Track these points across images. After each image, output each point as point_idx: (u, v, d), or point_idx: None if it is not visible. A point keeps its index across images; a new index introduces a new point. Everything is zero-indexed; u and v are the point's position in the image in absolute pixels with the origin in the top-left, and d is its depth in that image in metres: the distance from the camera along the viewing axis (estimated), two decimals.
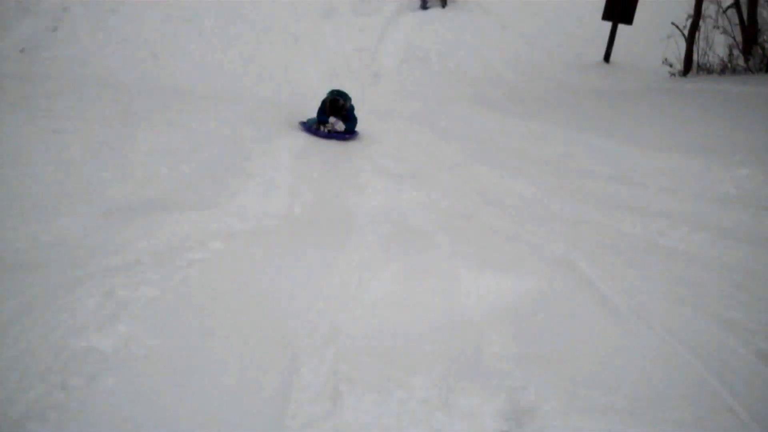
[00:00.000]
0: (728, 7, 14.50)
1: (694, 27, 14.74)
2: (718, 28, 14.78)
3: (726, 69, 14.35)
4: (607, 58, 16.91)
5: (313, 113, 10.25)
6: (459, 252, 5.08)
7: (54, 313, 3.57)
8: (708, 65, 14.78)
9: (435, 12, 19.04)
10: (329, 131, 9.71)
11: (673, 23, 15.08)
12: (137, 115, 9.45)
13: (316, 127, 9.82)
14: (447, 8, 19.24)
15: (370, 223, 5.95)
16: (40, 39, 14.74)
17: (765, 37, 13.93)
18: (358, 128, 10.10)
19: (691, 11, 14.84)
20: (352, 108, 9.99)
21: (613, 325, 3.90)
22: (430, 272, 4.70)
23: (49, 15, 15.67)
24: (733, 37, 14.41)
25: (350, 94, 10.34)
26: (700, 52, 14.91)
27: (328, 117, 9.82)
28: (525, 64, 16.57)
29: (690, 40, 14.85)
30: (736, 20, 14.28)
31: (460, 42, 17.47)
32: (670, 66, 15.04)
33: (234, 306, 4.04)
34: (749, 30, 13.87)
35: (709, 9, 14.77)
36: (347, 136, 9.80)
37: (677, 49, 15.03)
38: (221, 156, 8.12)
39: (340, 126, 9.75)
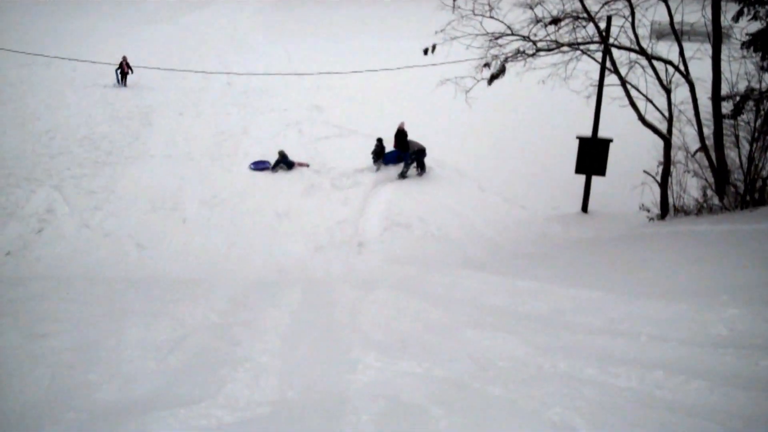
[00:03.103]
0: (696, 152, 15.09)
1: (666, 173, 15.34)
2: (689, 172, 15.32)
3: (702, 209, 14.72)
4: (584, 208, 17.35)
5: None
6: (455, 426, 4.92)
7: None
8: (684, 207, 15.19)
9: (413, 180, 19.67)
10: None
11: (645, 171, 15.62)
12: (124, 309, 9.46)
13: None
14: (424, 176, 19.80)
15: (363, 402, 5.78)
16: (26, 241, 15.00)
17: (736, 176, 14.41)
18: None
19: (661, 158, 15.43)
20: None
21: None
22: None
23: (34, 217, 16.07)
24: (705, 179, 14.89)
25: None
26: (675, 196, 15.37)
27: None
28: (506, 222, 16.92)
29: (663, 186, 15.38)
30: (706, 163, 14.81)
31: (440, 206, 17.92)
32: (648, 211, 15.44)
33: None
34: (720, 171, 14.37)
35: (678, 155, 15.36)
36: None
37: (652, 194, 15.49)
38: (209, 344, 8.03)
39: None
